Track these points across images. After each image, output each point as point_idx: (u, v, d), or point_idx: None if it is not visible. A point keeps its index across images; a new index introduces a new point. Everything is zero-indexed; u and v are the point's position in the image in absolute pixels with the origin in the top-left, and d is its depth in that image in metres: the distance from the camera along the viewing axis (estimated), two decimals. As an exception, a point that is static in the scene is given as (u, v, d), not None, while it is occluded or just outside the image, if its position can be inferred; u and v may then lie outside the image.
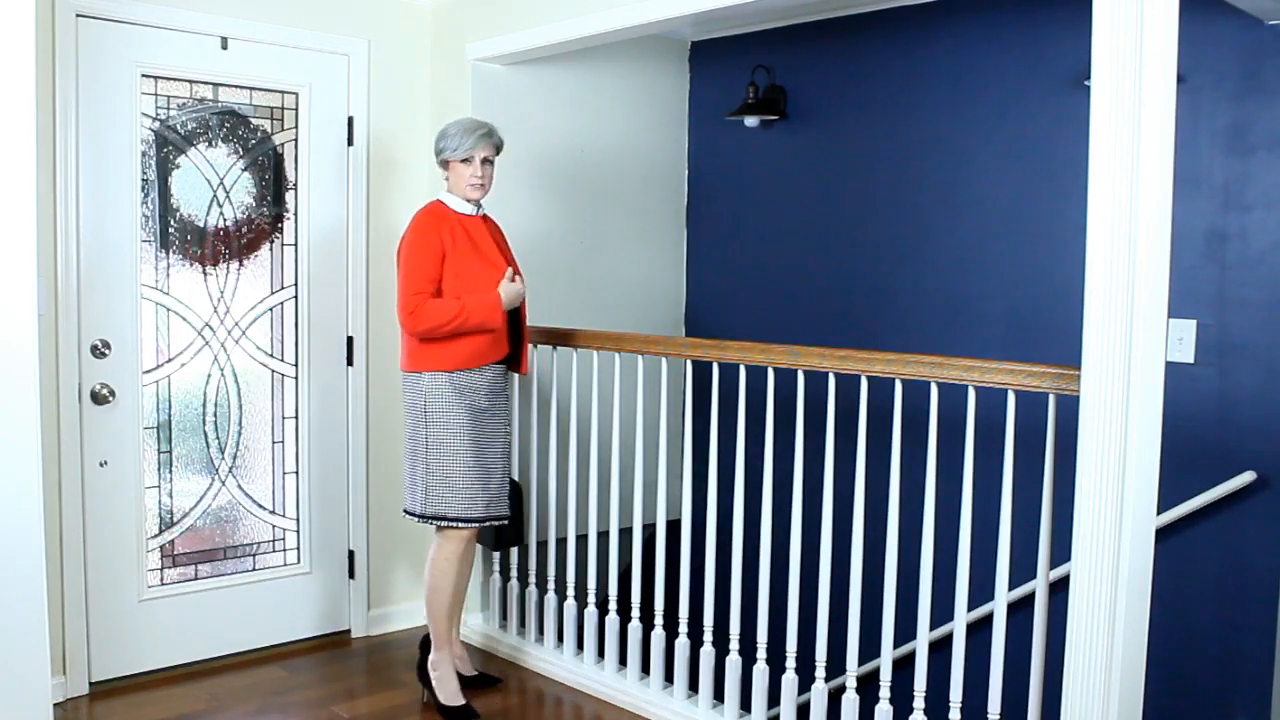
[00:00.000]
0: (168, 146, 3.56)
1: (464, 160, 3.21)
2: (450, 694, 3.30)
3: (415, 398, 3.20)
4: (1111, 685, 2.19)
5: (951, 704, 2.66)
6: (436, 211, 3.24)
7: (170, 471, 3.64)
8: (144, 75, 3.47)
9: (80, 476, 3.39)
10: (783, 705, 3.06)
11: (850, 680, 2.92)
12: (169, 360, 3.61)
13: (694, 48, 4.68)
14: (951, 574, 2.65)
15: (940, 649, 3.30)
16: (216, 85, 3.65)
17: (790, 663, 3.04)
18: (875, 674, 2.96)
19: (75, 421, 3.37)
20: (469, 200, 3.26)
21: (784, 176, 4.40)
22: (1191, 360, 3.31)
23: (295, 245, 3.84)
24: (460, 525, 3.22)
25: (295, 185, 3.83)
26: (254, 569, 3.84)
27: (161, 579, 3.64)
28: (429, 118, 4.06)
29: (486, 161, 3.24)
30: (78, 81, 3.31)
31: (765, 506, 3.12)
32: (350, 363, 3.97)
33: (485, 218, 3.35)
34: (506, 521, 3.36)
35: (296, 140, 3.82)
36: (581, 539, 3.81)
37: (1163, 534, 3.15)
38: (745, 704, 3.22)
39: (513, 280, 3.25)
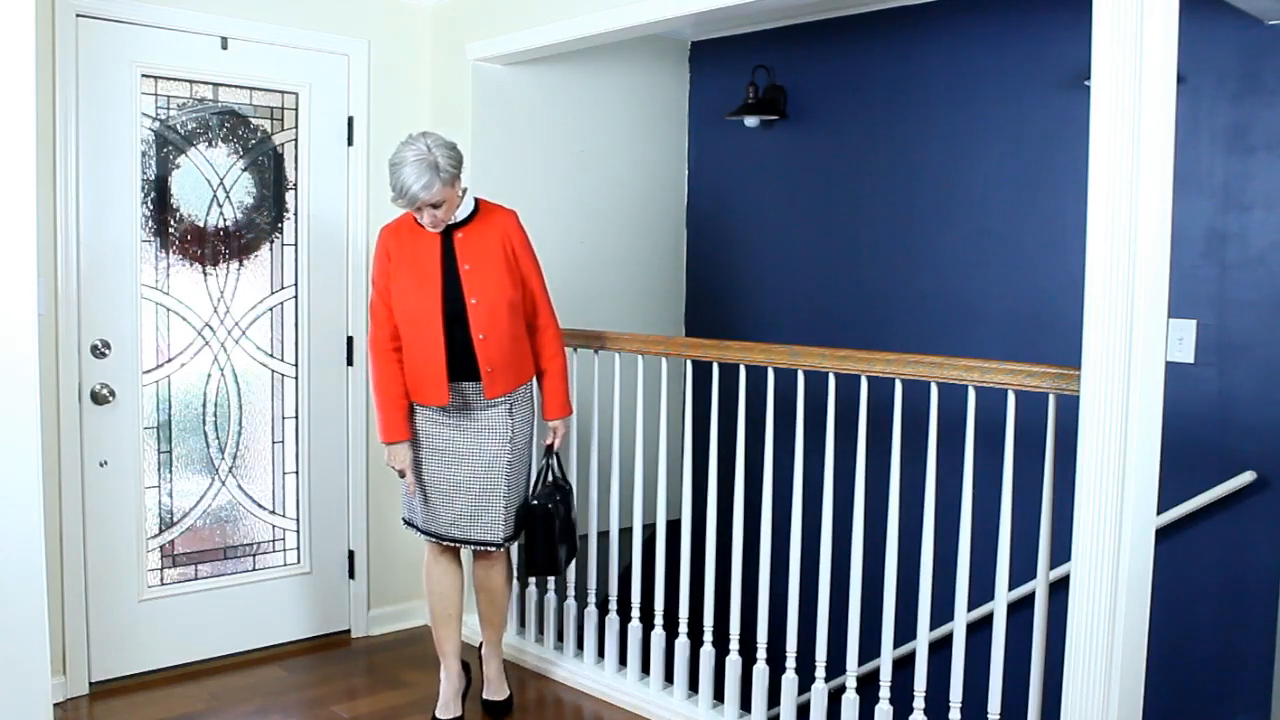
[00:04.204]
0: (168, 146, 3.56)
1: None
2: (440, 704, 3.27)
3: None
4: (1111, 685, 2.19)
5: (951, 704, 2.66)
6: (395, 223, 3.16)
7: (170, 471, 3.64)
8: (144, 75, 3.47)
9: (80, 476, 3.39)
10: (783, 705, 3.06)
11: (850, 680, 2.92)
12: (169, 360, 3.61)
13: (694, 48, 4.68)
14: (951, 574, 2.65)
15: (940, 649, 3.30)
16: (216, 85, 3.65)
17: (790, 663, 3.04)
18: (875, 674, 2.96)
19: (75, 421, 3.37)
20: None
21: (784, 176, 4.40)
22: (1191, 360, 3.31)
23: (295, 245, 3.84)
24: (416, 529, 3.21)
25: (295, 185, 3.83)
26: (254, 569, 3.84)
27: (161, 579, 3.64)
28: (429, 118, 4.07)
29: (433, 206, 2.94)
30: (78, 81, 3.31)
31: (765, 506, 3.12)
32: (350, 363, 3.97)
33: (484, 220, 3.12)
34: (461, 546, 3.18)
35: (296, 140, 3.82)
36: (582, 539, 3.81)
37: (1163, 534, 3.15)
38: (745, 704, 3.22)
39: (401, 464, 3.10)
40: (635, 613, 3.55)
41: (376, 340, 3.13)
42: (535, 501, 3.21)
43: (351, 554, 4.02)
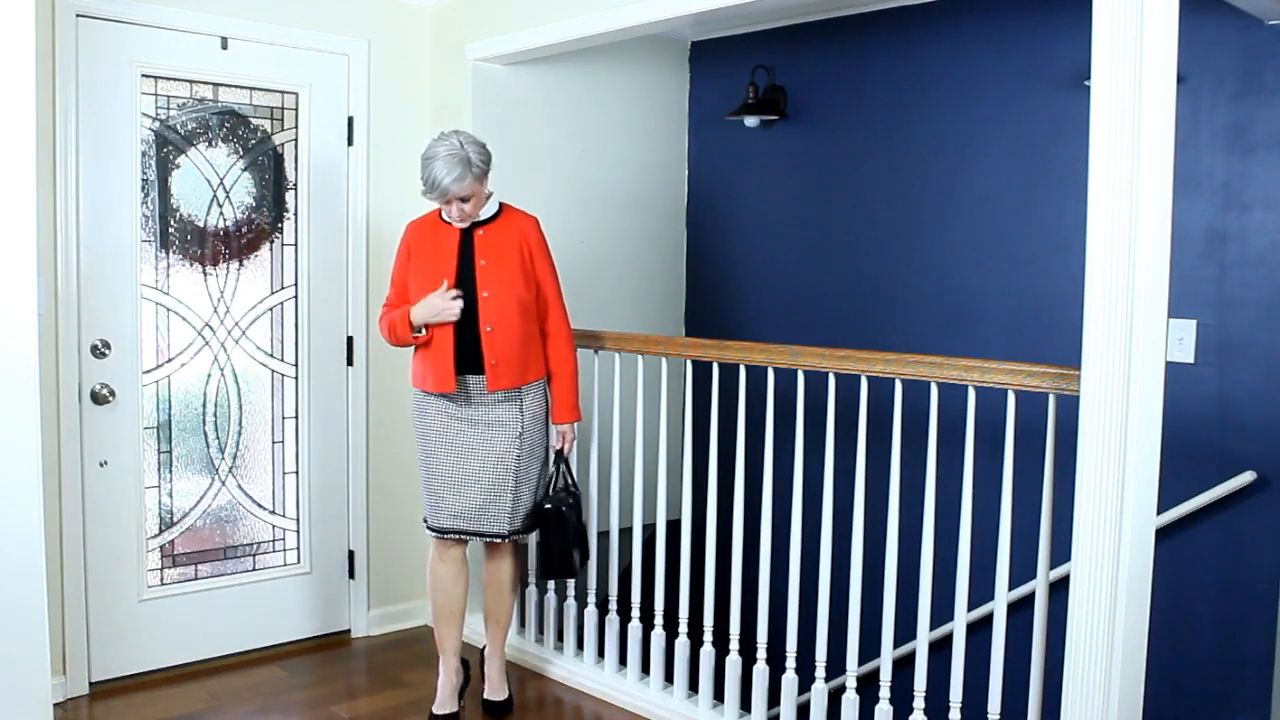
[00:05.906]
0: (168, 146, 3.56)
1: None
2: (438, 701, 3.28)
3: None
4: (1111, 685, 2.19)
5: (951, 704, 2.66)
6: (421, 219, 3.28)
7: (170, 471, 3.64)
8: (144, 75, 3.47)
9: (80, 476, 3.39)
10: (783, 705, 3.06)
11: (850, 680, 2.92)
12: (169, 360, 3.61)
13: (694, 48, 4.68)
14: (951, 574, 2.65)
15: (940, 649, 3.30)
16: (216, 85, 3.65)
17: (790, 663, 3.04)
18: (875, 674, 2.96)
19: (75, 421, 3.37)
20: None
21: (784, 176, 4.40)
22: (1191, 360, 3.31)
23: (295, 245, 3.84)
24: (427, 526, 3.23)
25: (295, 185, 3.83)
26: (254, 569, 3.84)
27: (161, 579, 3.64)
28: (429, 118, 4.07)
29: (462, 199, 3.06)
30: (78, 81, 3.31)
31: (765, 506, 3.12)
32: (350, 363, 3.97)
33: (505, 221, 3.20)
34: (470, 539, 3.21)
35: (296, 140, 3.82)
36: (581, 539, 3.81)
37: (1163, 534, 3.15)
38: (745, 704, 3.22)
39: (446, 293, 3.07)
40: (635, 613, 3.55)
41: (382, 312, 3.28)
42: (549, 505, 3.25)
43: (351, 554, 4.02)
